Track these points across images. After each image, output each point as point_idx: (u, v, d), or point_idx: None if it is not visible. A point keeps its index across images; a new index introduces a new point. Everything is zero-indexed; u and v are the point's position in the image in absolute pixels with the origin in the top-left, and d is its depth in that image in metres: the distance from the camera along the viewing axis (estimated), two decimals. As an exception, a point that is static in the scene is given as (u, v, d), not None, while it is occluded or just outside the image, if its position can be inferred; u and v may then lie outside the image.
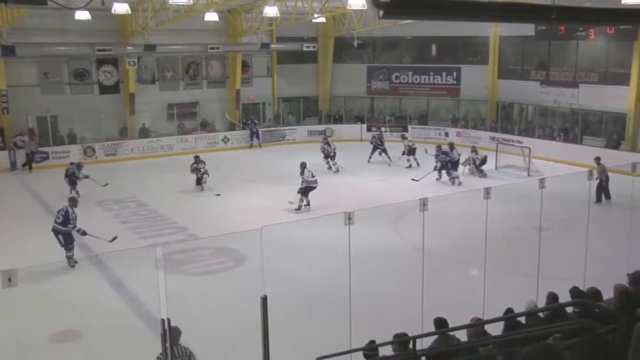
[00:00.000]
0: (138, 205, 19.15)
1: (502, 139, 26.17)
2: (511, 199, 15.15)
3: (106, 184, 20.50)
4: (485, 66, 29.84)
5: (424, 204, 8.69)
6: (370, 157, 25.08)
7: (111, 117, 26.92)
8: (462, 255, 13.40)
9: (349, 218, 8.38)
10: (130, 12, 21.39)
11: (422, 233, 9.05)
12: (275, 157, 26.49)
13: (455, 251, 13.82)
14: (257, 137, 29.21)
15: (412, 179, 20.86)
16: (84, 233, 13.92)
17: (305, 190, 18.07)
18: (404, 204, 13.01)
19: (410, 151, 24.33)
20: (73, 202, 14.45)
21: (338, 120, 32.01)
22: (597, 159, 19.03)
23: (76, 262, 13.57)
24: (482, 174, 22.55)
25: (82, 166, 20.21)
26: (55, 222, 13.87)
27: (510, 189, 16.46)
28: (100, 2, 16.01)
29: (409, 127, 30.41)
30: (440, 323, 7.04)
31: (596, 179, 18.09)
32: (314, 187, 18.18)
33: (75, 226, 13.80)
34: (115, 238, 13.87)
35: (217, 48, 28.57)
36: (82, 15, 21.20)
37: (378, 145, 25.19)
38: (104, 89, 27.55)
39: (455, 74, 31.01)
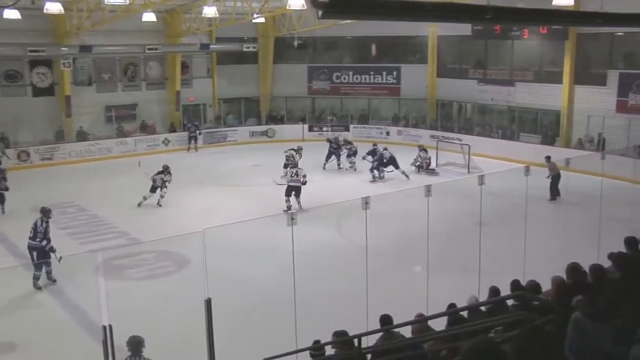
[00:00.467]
0: (77, 210, 18.80)
1: (443, 136, 26.68)
2: (452, 196, 15.38)
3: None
4: (424, 65, 30.33)
5: (366, 202, 8.75)
6: (325, 164, 24.22)
7: (46, 120, 26.42)
8: (405, 253, 13.57)
9: (292, 219, 8.47)
10: (63, 11, 20.90)
11: (365, 232, 9.08)
12: (217, 158, 26.39)
13: (398, 249, 14.00)
14: (195, 140, 28.85)
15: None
16: (52, 250, 12.71)
17: (287, 191, 18.06)
18: (346, 204, 13.27)
19: (352, 154, 24.15)
20: (44, 213, 13.19)
21: (279, 120, 32.06)
22: (548, 158, 19.20)
23: (54, 280, 12.71)
24: (434, 172, 22.90)
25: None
26: (28, 237, 12.96)
27: (451, 186, 16.74)
28: (30, 1, 15.55)
29: (351, 126, 30.75)
30: (385, 320, 7.11)
31: (547, 177, 18.62)
32: (295, 187, 18.01)
33: (43, 240, 12.72)
34: (60, 258, 12.55)
35: (156, 49, 28.20)
36: (12, 14, 20.46)
37: (333, 151, 24.51)
38: (38, 91, 26.80)
39: (395, 73, 31.40)
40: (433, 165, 23.60)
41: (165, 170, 19.61)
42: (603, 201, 12.20)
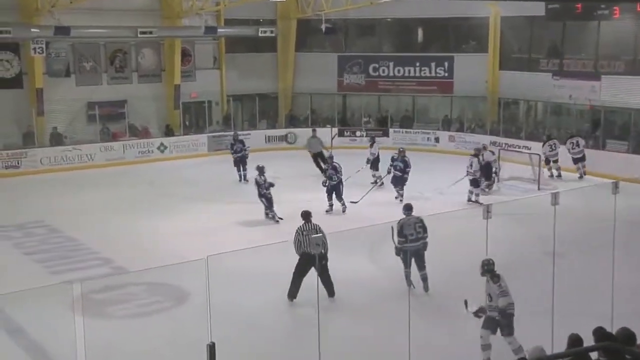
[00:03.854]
0: (48, 231, 18.89)
1: (506, 144, 26.47)
2: (517, 218, 15.34)
3: None
4: (483, 55, 30.15)
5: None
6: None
7: (11, 119, 26.70)
8: (456, 288, 13.11)
9: (317, 244, 8.34)
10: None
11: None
12: (224, 169, 26.00)
13: (447, 283, 13.83)
14: (244, 165, 25.06)
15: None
16: None
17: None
18: (383, 226, 13.33)
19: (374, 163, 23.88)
20: None
21: (303, 123, 32.08)
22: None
23: None
24: (488, 188, 22.46)
25: None
26: None
27: (516, 206, 16.67)
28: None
29: (390, 131, 30.71)
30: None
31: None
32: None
33: None
34: None
35: (150, 32, 28.32)
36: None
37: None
38: (2, 83, 27.01)
39: (446, 64, 31.27)
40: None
41: (260, 171, 19.54)
42: None
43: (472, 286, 10.59)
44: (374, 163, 23.69)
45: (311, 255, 12.22)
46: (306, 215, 13.77)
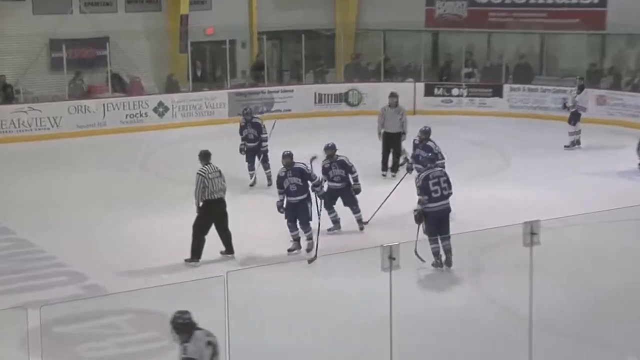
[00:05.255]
0: (-7, 231, 19.62)
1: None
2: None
3: None
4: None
5: (531, 232, 9.14)
6: None
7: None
8: (593, 326, 13.43)
9: (391, 257, 8.64)
10: None
11: (528, 285, 9.37)
12: None
13: (579, 318, 13.87)
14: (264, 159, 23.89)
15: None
16: None
17: None
18: (493, 232, 13.77)
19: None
20: None
21: (372, 75, 32.20)
22: None
23: None
24: None
25: None
26: None
27: None
28: None
29: (505, 87, 30.70)
30: None
31: None
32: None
33: None
34: None
35: None
36: None
37: None
38: None
39: (595, -14, 31.12)
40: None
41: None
42: None
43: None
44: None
45: (216, 202, 15.75)
46: (206, 156, 16.55)
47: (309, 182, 17.26)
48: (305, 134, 26.75)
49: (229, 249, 15.88)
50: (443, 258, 15.07)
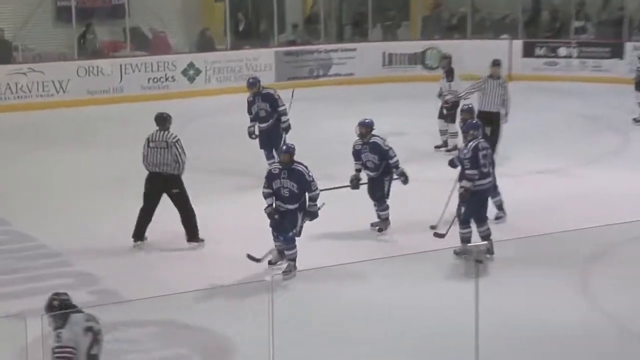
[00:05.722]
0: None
1: None
2: None
3: None
4: None
5: None
6: None
7: None
8: None
9: (478, 260, 10.98)
10: None
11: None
12: (307, 113, 25.92)
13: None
14: None
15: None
16: None
17: None
18: (607, 230, 15.00)
19: None
20: None
21: (456, 30, 32.91)
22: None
23: None
24: None
25: None
26: None
27: None
28: None
29: (627, 46, 30.50)
30: None
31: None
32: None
33: None
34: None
35: None
36: None
37: None
38: None
39: None
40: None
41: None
42: None
43: None
44: None
45: (154, 175, 16.37)
46: (161, 120, 16.71)
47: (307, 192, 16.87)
48: (371, 104, 26.35)
49: (190, 235, 16.61)
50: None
